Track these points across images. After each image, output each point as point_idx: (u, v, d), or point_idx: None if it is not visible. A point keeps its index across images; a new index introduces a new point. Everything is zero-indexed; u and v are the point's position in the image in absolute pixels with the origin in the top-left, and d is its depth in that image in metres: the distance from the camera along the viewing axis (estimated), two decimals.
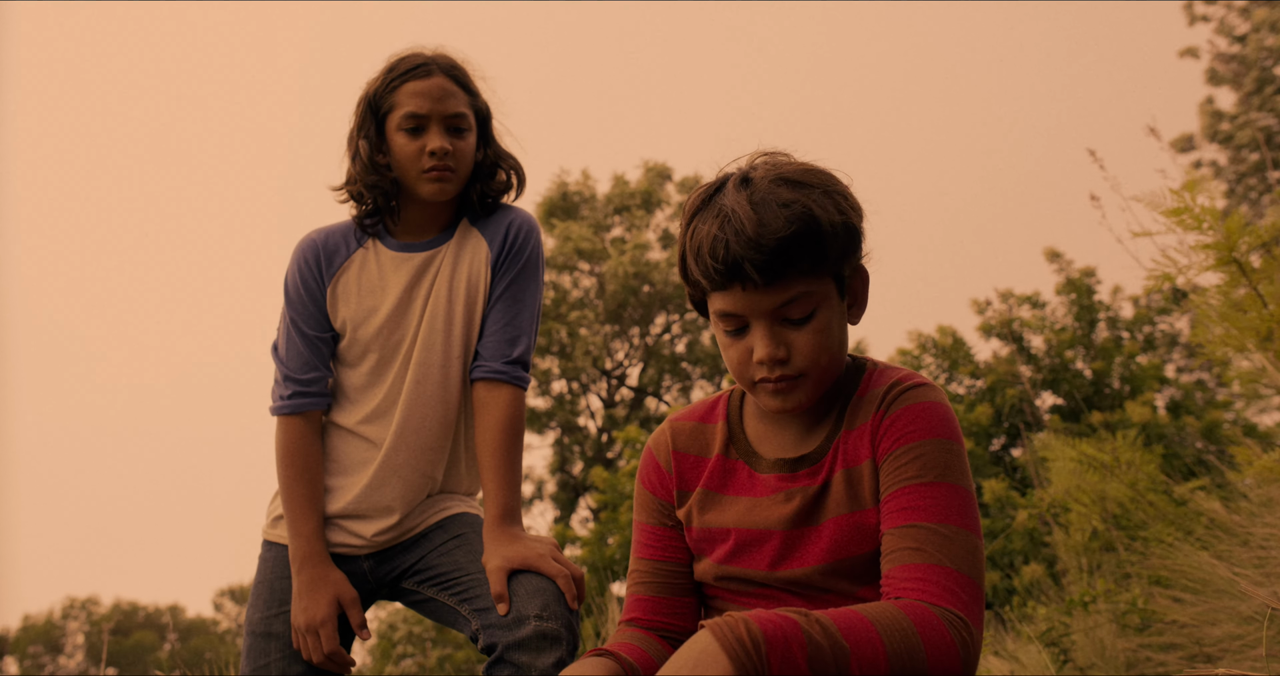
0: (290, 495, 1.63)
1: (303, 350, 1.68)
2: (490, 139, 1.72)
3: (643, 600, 1.25)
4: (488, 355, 1.65)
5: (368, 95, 1.66)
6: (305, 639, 1.57)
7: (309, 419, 1.68)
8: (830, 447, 1.16)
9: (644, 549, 1.27)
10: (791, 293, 1.07)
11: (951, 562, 1.02)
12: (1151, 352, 9.16)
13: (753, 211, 1.05)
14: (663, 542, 1.26)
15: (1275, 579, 2.46)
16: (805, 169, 1.11)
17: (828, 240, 1.07)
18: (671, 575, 1.25)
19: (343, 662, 1.59)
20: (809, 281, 1.08)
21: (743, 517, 1.18)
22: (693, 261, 1.10)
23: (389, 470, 1.65)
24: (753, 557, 1.17)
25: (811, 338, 1.10)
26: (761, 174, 1.10)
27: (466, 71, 1.69)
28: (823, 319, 1.10)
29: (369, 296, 1.68)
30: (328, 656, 1.57)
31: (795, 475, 1.17)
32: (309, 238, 1.72)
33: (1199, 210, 2.79)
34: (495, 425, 1.61)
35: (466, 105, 1.66)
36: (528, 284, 1.69)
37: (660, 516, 1.27)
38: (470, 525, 1.66)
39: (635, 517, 1.30)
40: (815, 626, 0.91)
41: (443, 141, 1.61)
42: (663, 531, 1.26)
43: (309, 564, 1.60)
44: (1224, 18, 14.15)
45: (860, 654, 0.91)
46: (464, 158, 1.65)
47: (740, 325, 1.11)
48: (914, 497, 1.06)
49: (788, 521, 1.15)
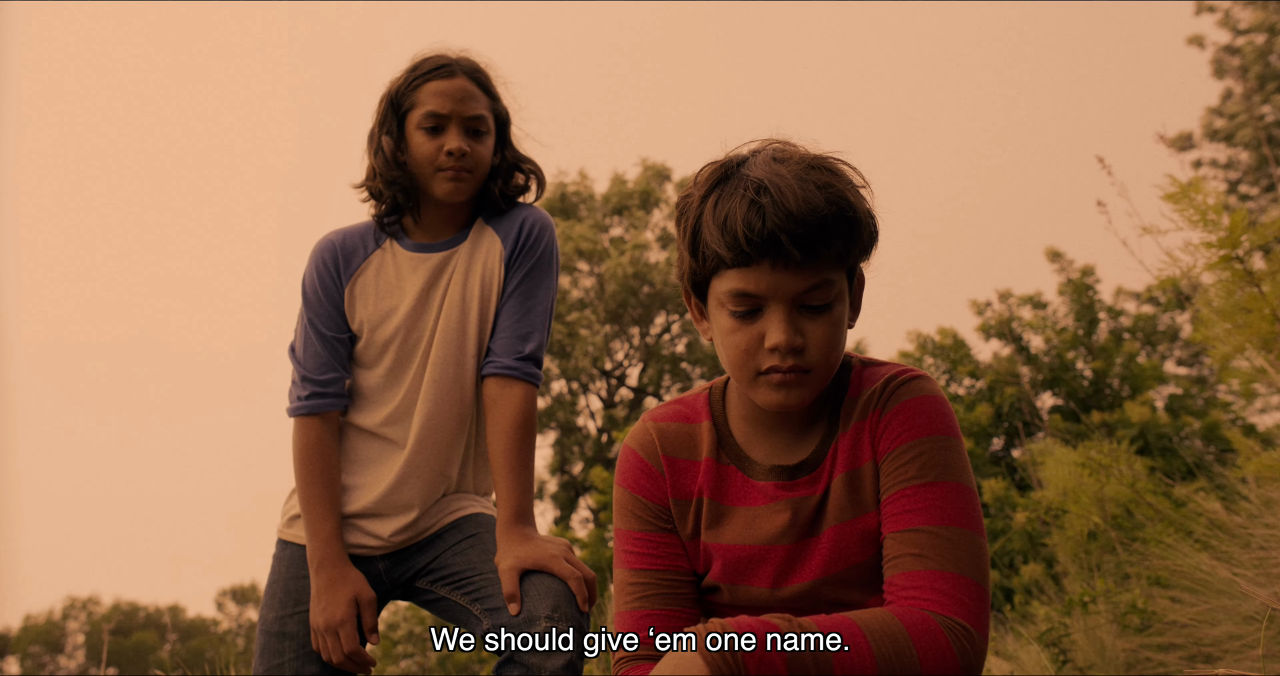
0: (308, 496, 1.63)
1: (320, 351, 1.67)
2: (508, 143, 1.73)
3: (649, 616, 1.12)
4: (499, 351, 1.64)
5: (390, 93, 1.67)
6: (325, 639, 1.57)
7: (327, 420, 1.67)
8: (827, 452, 1.12)
9: (640, 559, 1.15)
10: (819, 277, 1.01)
11: (954, 567, 0.99)
12: (1151, 351, 9.16)
13: (796, 186, 0.99)
14: (661, 549, 1.15)
15: (1275, 579, 2.46)
16: (834, 159, 1.07)
17: (861, 229, 1.03)
18: (676, 585, 1.14)
19: (363, 662, 1.58)
20: (834, 269, 1.03)
21: (743, 532, 1.13)
22: (715, 233, 1.01)
23: (410, 469, 1.65)
24: (756, 575, 1.13)
25: (827, 330, 1.04)
26: (792, 155, 1.05)
27: (489, 75, 1.70)
28: (838, 312, 1.05)
29: (387, 297, 1.68)
30: (348, 656, 1.56)
31: (794, 483, 1.12)
32: (327, 239, 1.72)
33: (1201, 203, 2.78)
34: (507, 422, 1.60)
35: (487, 108, 1.67)
36: (541, 281, 1.69)
37: (655, 521, 1.16)
38: (484, 525, 1.66)
39: (622, 526, 1.17)
40: (795, 629, 0.90)
41: (461, 142, 1.62)
42: (659, 537, 1.15)
43: (328, 564, 1.60)
44: (1229, 10, 14.14)
45: (844, 658, 0.90)
46: (480, 160, 1.66)
47: (753, 307, 1.03)
48: (915, 499, 1.04)
49: (789, 534, 1.11)
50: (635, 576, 1.15)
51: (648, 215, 18.21)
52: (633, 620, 1.13)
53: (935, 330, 8.44)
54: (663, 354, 17.82)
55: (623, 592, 1.15)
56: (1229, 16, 14.11)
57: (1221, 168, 14.83)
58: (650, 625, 1.12)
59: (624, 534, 1.17)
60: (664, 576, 1.15)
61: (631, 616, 1.13)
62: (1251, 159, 14.15)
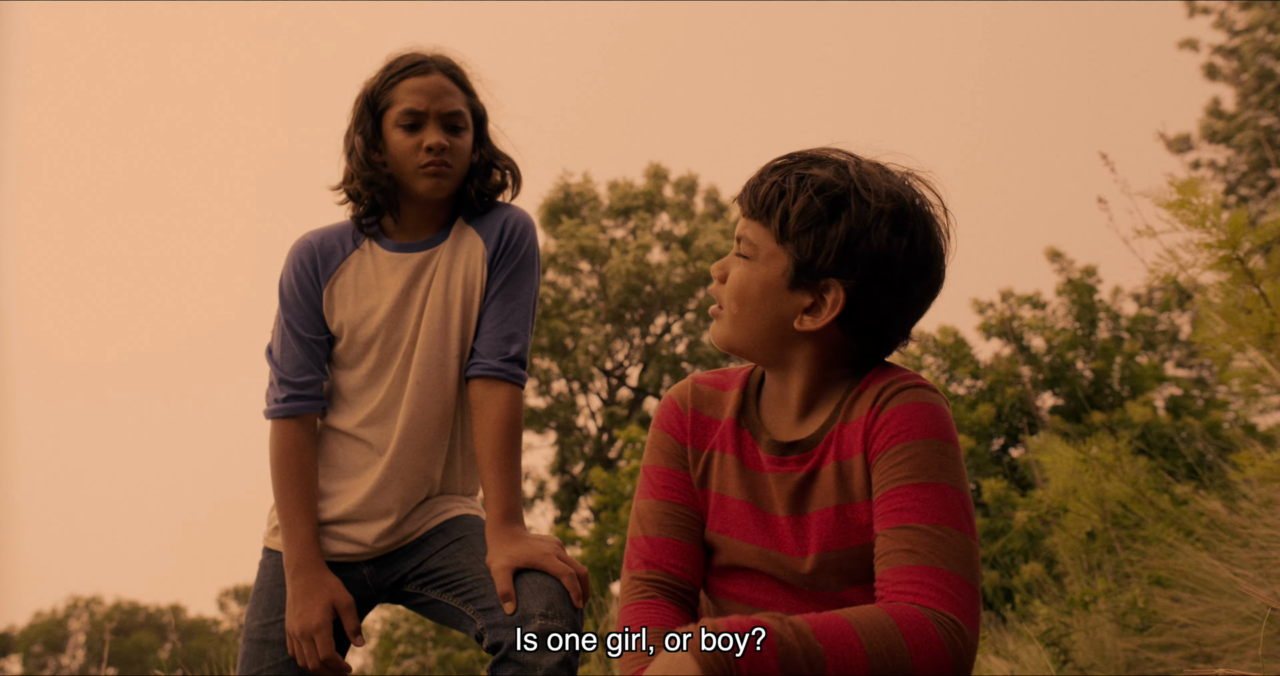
0: (284, 500, 1.62)
1: (298, 352, 1.66)
2: (486, 139, 1.72)
3: (664, 544, 1.22)
4: (484, 353, 1.64)
5: (365, 92, 1.66)
6: (300, 645, 1.55)
7: (304, 422, 1.66)
8: (823, 437, 1.17)
9: (663, 491, 1.25)
10: (740, 231, 1.18)
11: (944, 564, 1.01)
12: (1151, 352, 9.16)
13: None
14: (683, 486, 1.25)
15: (1275, 579, 2.46)
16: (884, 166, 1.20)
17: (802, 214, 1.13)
18: (690, 520, 1.23)
19: (338, 668, 1.56)
20: (755, 228, 1.17)
21: (748, 491, 1.21)
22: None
23: (393, 472, 1.64)
24: (754, 533, 1.19)
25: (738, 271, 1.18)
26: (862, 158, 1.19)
27: (464, 71, 1.70)
28: (740, 271, 1.18)
29: (366, 298, 1.67)
30: (323, 662, 1.55)
31: (784, 459, 1.18)
32: (304, 239, 1.71)
33: (1200, 205, 2.77)
34: (494, 424, 1.60)
35: (464, 104, 1.67)
36: (524, 282, 1.68)
37: (680, 461, 1.26)
38: (471, 527, 1.65)
39: (650, 462, 1.28)
40: (788, 629, 0.91)
41: (440, 137, 1.61)
42: (681, 474, 1.26)
43: (303, 570, 1.58)
44: (1224, 11, 14.12)
45: (837, 655, 0.91)
46: (460, 155, 1.65)
47: None
48: (907, 498, 1.06)
49: (780, 505, 1.18)
50: (657, 505, 1.25)
51: (652, 217, 18.21)
52: (647, 544, 1.23)
53: (936, 329, 8.44)
54: (663, 354, 17.82)
55: (642, 517, 1.25)
56: (1224, 18, 14.10)
57: (1220, 169, 14.82)
58: (670, 552, 1.21)
59: (652, 469, 1.27)
60: (680, 510, 1.24)
61: (647, 541, 1.23)
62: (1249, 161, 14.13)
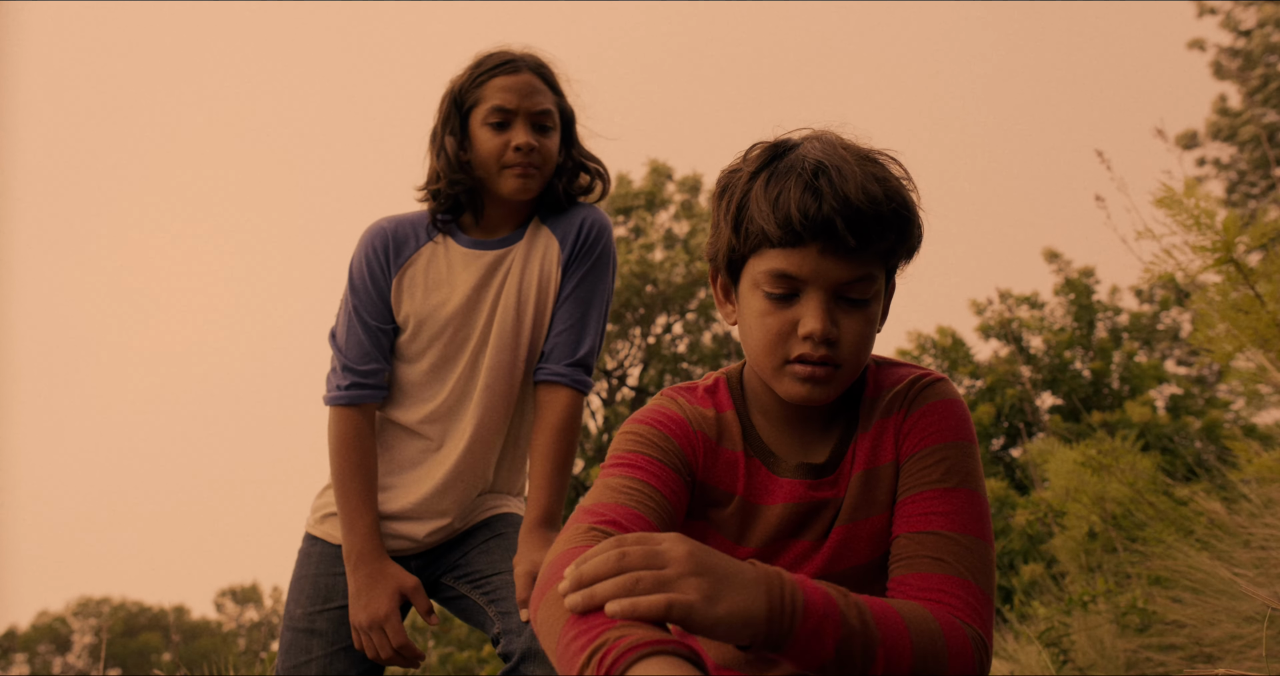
0: (345, 490, 1.57)
1: (364, 340, 1.62)
2: (574, 140, 1.68)
3: (635, 516, 0.98)
4: (553, 357, 1.61)
5: (453, 90, 1.62)
6: (370, 636, 1.51)
7: (365, 412, 1.62)
8: (846, 451, 1.10)
9: (645, 474, 1.04)
10: (865, 269, 0.99)
11: (972, 576, 0.97)
12: (1150, 350, 9.16)
13: (858, 172, 0.97)
14: (671, 483, 1.05)
15: (1275, 579, 2.46)
16: (889, 155, 1.05)
17: (912, 228, 1.01)
18: (665, 511, 1.02)
19: (413, 655, 1.52)
20: (879, 265, 1.00)
21: (764, 530, 1.10)
22: (765, 209, 0.98)
23: (456, 475, 1.62)
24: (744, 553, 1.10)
25: (862, 326, 1.00)
26: (849, 144, 1.03)
27: (554, 71, 1.66)
28: (874, 310, 1.02)
29: (435, 292, 1.63)
30: (396, 650, 1.51)
31: (819, 483, 1.09)
32: (379, 225, 1.66)
33: (1194, 206, 2.78)
34: (550, 428, 1.57)
35: (553, 103, 1.62)
36: (598, 284, 1.65)
37: (675, 461, 1.07)
38: (513, 524, 1.64)
39: (638, 450, 1.07)
40: (853, 609, 0.87)
41: (529, 137, 1.57)
42: (674, 475, 1.06)
43: (366, 560, 1.54)
44: (1231, 11, 14.12)
45: (889, 645, 0.87)
46: (549, 156, 1.61)
47: (791, 291, 1.00)
48: (936, 503, 1.02)
49: (802, 533, 1.10)
50: (633, 483, 1.03)
51: (653, 215, 18.20)
52: (610, 508, 0.98)
53: (934, 329, 8.45)
54: (664, 354, 17.83)
55: (609, 487, 1.03)
56: (1230, 18, 14.10)
57: (1224, 168, 14.82)
58: (635, 523, 0.97)
59: (634, 454, 1.07)
60: (664, 500, 1.03)
61: (612, 506, 0.99)
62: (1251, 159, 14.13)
